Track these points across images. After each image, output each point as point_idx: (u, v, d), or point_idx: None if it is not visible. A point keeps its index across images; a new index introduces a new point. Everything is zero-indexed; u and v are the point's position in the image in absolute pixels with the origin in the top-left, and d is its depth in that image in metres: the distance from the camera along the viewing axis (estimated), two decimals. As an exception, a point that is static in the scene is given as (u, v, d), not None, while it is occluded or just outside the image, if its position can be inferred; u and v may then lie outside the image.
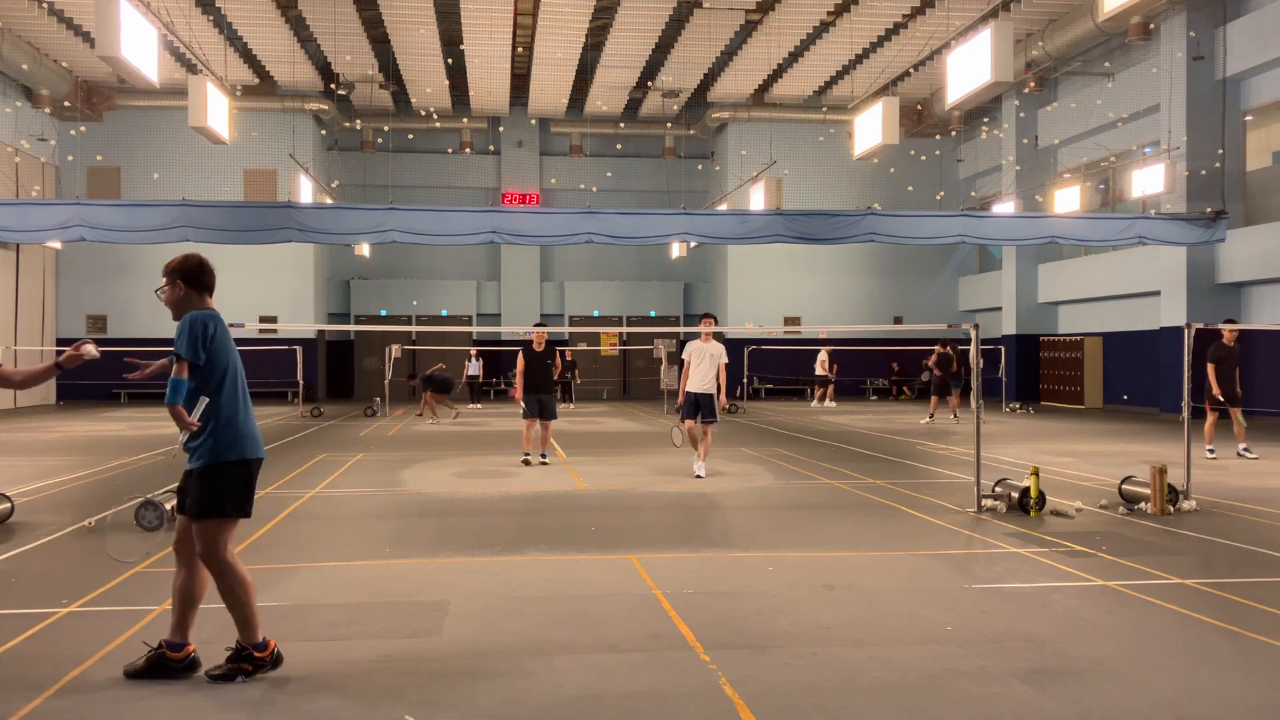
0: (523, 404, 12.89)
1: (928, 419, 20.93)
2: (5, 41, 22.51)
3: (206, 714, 4.06)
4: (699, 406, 11.43)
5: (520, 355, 12.97)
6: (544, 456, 12.96)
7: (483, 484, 11.17)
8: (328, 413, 23.83)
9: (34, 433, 18.19)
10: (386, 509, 9.49)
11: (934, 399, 21.58)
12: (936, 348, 21.63)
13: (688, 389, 11.43)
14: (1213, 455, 13.30)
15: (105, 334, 29.21)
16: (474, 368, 27.90)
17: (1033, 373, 28.30)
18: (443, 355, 28.91)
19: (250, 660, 4.43)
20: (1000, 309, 29.56)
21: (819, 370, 27.65)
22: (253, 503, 4.61)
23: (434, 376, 21.57)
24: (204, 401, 4.45)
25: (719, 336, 12.66)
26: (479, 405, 27.52)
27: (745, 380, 29.48)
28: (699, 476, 11.42)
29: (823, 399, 27.92)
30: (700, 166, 33.56)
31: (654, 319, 33.61)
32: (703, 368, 11.36)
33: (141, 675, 4.41)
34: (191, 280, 4.65)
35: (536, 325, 13.17)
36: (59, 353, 4.05)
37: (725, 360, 11.51)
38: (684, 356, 11.61)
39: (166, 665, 4.43)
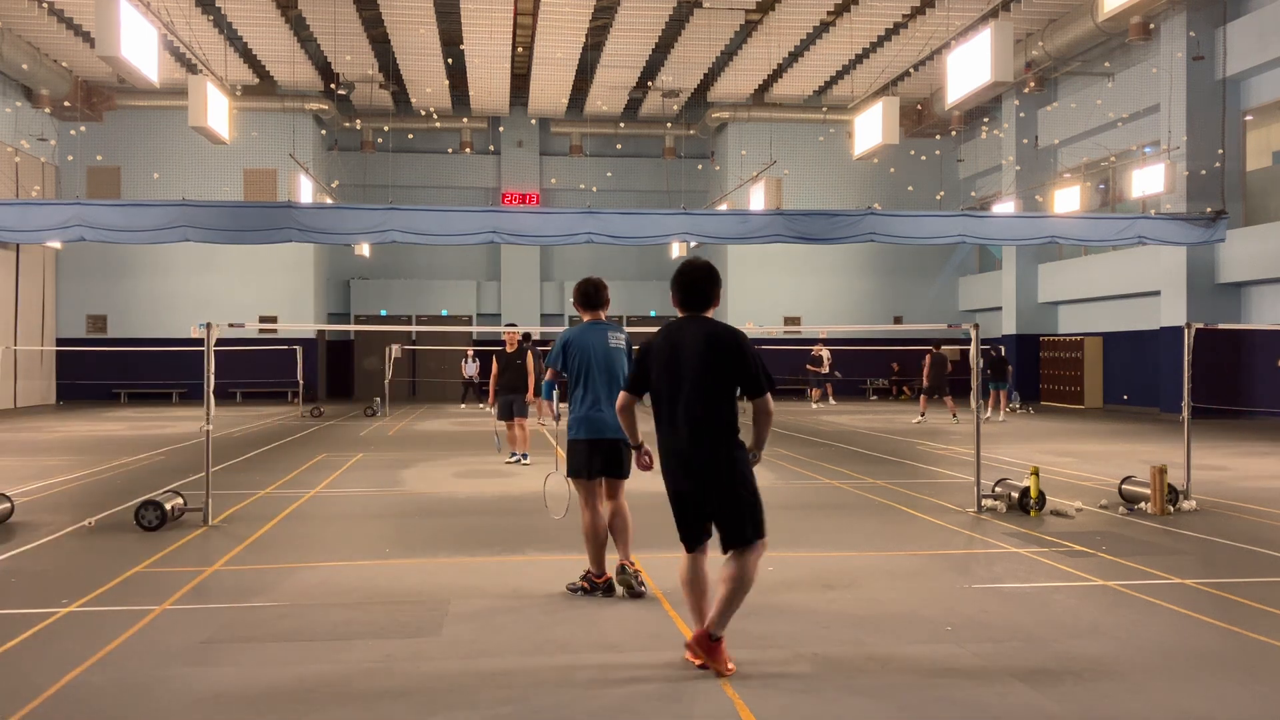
0: (495, 406, 13.51)
1: (918, 418, 20.96)
2: (5, 41, 22.50)
3: (213, 714, 4.06)
4: None
5: (494, 359, 13.43)
6: (524, 456, 13.12)
7: (483, 484, 11.17)
8: (328, 413, 23.83)
9: (34, 433, 18.19)
10: (386, 509, 9.49)
11: (923, 398, 21.56)
12: (930, 349, 21.61)
13: None
14: None
15: (105, 334, 29.23)
16: (470, 368, 28.09)
17: (1033, 373, 28.29)
18: (442, 355, 28.89)
19: (590, 581, 6.00)
20: (1000, 309, 29.55)
21: (823, 368, 27.59)
22: (597, 468, 5.87)
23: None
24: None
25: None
26: (485, 406, 27.53)
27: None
28: None
29: (824, 398, 27.91)
30: (700, 166, 33.54)
31: (654, 319, 33.59)
32: None
33: (578, 591, 5.99)
34: (576, 300, 6.16)
35: (508, 326, 13.39)
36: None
37: None
38: None
39: (594, 587, 5.99)
